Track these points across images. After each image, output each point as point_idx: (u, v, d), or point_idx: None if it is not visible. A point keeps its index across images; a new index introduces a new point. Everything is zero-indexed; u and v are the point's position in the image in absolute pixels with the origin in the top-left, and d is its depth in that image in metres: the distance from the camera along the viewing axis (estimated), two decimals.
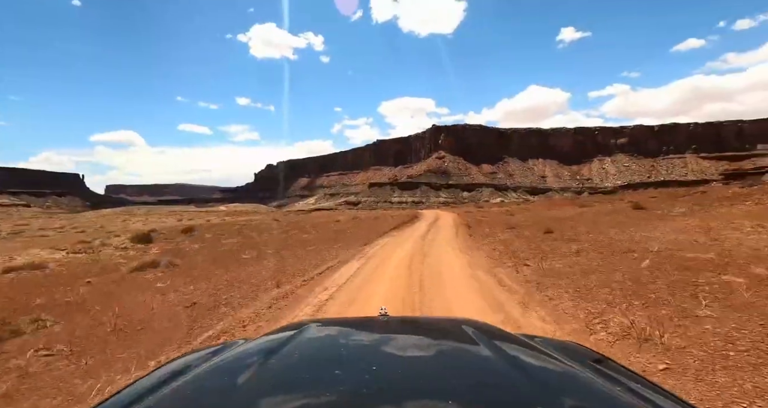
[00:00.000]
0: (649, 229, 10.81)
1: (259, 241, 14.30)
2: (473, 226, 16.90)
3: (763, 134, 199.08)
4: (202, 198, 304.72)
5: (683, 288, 4.76)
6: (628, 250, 7.67)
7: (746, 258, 6.03)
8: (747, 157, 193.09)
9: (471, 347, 0.90)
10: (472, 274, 7.09)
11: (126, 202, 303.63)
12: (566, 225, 14.16)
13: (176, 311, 5.12)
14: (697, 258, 6.31)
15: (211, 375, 0.79)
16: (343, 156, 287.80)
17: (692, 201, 17.24)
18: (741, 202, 14.80)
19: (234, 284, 6.67)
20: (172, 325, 4.55)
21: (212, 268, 8.48)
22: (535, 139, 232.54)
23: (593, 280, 5.56)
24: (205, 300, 5.65)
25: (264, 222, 27.17)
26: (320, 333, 1.05)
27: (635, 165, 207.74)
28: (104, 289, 6.60)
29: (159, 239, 15.72)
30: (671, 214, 14.47)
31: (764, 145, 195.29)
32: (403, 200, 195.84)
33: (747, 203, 14.42)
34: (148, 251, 12.16)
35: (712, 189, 22.81)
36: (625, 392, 0.70)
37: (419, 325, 1.32)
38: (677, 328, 3.59)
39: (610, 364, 0.94)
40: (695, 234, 9.13)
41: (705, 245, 7.59)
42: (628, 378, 0.82)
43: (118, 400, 0.72)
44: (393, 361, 0.82)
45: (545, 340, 1.10)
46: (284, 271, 7.68)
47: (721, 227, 9.75)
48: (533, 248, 9.36)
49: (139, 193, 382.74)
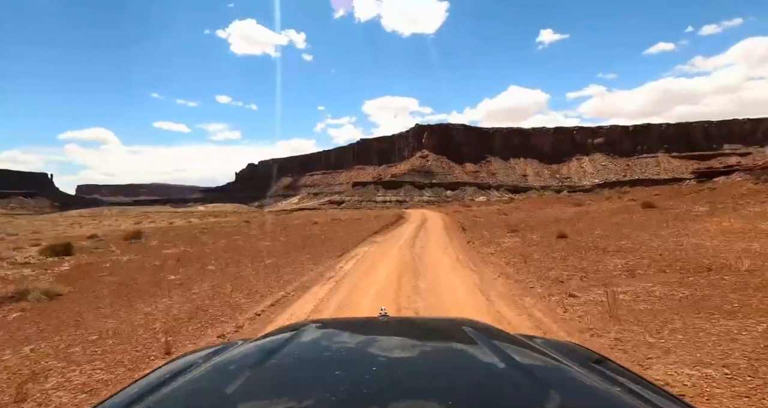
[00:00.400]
0: (688, 234, 8.64)
1: (209, 251, 11.45)
2: (469, 229, 14.51)
3: (729, 135, 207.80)
4: (181, 198, 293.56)
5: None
6: (704, 268, 5.39)
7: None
8: (714, 156, 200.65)
9: (471, 348, 0.89)
10: (489, 308, 4.62)
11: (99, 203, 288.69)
12: (576, 227, 11.96)
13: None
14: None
15: (211, 375, 0.78)
16: (327, 155, 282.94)
17: (706, 199, 15.47)
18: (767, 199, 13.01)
19: (96, 347, 3.92)
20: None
21: (105, 302, 5.65)
22: (517, 138, 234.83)
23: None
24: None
25: (232, 224, 24.08)
26: (320, 333, 1.05)
27: (611, 164, 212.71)
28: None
29: (88, 249, 12.60)
30: (693, 213, 12.51)
31: (730, 146, 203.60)
32: (387, 199, 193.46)
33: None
34: (54, 267, 9.16)
35: (722, 186, 21.28)
36: (624, 393, 0.70)
37: (419, 325, 1.32)
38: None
39: (609, 365, 0.94)
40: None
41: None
42: (628, 378, 0.82)
43: (118, 400, 0.71)
44: (393, 361, 0.81)
45: (545, 341, 1.10)
46: (198, 313, 4.92)
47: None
48: (559, 261, 6.98)
49: (114, 193, 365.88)
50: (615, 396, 0.67)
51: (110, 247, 13.10)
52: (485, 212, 24.31)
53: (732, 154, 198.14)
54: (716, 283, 4.61)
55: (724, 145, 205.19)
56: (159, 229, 23.02)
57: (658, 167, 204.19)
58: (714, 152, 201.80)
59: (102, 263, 9.67)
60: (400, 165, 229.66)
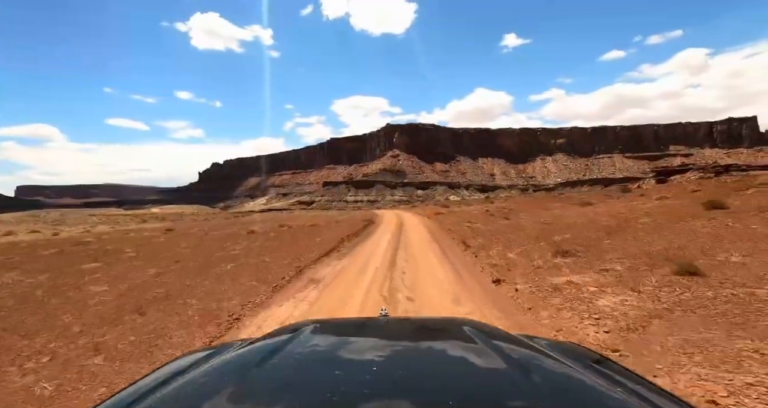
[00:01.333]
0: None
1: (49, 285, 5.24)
2: (476, 248, 8.97)
3: (675, 137, 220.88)
4: (137, 200, 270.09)
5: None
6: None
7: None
8: (662, 156, 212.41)
9: (471, 347, 0.88)
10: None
11: (41, 205, 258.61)
12: (669, 243, 6.83)
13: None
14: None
15: (211, 375, 0.77)
16: (296, 154, 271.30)
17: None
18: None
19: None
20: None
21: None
22: (484, 138, 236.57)
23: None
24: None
25: (143, 235, 17.24)
26: (320, 333, 1.04)
27: (572, 164, 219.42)
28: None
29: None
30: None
31: (675, 147, 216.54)
32: (359, 199, 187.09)
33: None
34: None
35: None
36: (624, 393, 0.69)
37: (419, 325, 1.30)
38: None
39: (609, 365, 0.92)
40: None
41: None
42: (628, 379, 0.80)
43: (118, 401, 0.71)
44: (393, 361, 0.81)
45: (545, 341, 1.08)
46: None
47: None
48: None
49: (61, 194, 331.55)
50: (615, 396, 0.66)
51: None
52: (475, 215, 18.94)
53: (677, 154, 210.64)
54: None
55: (671, 146, 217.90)
56: (63, 239, 15.74)
57: (613, 167, 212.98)
58: (662, 153, 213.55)
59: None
60: (371, 164, 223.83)
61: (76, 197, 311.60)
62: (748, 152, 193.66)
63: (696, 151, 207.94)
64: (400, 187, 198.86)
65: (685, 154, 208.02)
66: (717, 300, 3.80)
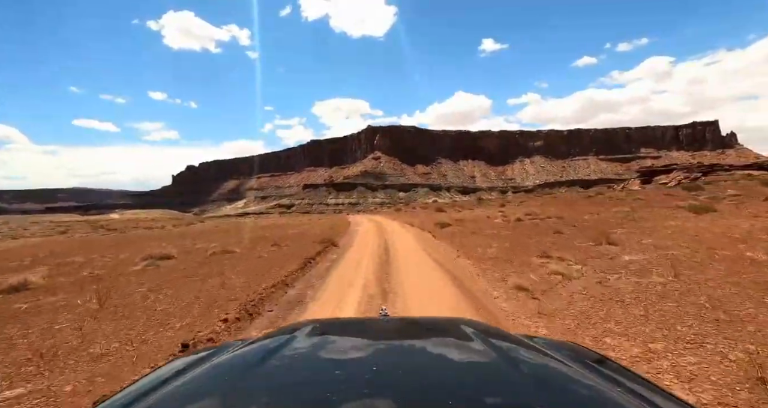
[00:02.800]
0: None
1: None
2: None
3: (646, 140, 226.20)
4: (107, 204, 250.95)
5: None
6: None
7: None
8: (633, 158, 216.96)
9: (471, 347, 0.88)
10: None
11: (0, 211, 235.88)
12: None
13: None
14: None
15: (211, 375, 0.77)
16: (276, 156, 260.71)
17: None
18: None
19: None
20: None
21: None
22: (465, 141, 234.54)
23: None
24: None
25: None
26: (320, 333, 1.03)
27: (550, 166, 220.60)
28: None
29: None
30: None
31: (645, 149, 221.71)
32: (340, 202, 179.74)
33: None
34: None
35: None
36: (624, 393, 0.69)
37: (419, 325, 1.29)
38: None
39: (610, 365, 0.91)
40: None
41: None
42: (628, 378, 0.80)
43: (118, 401, 0.70)
44: (393, 361, 0.80)
45: (545, 341, 1.08)
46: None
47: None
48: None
49: (22, 199, 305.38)
50: (615, 396, 0.66)
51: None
52: (523, 233, 10.83)
53: (647, 156, 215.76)
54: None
55: (641, 149, 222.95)
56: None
57: (589, 169, 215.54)
58: (633, 155, 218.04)
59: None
60: (352, 167, 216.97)
61: (39, 202, 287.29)
62: (711, 154, 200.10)
63: (664, 153, 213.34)
64: (381, 190, 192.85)
65: (654, 156, 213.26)
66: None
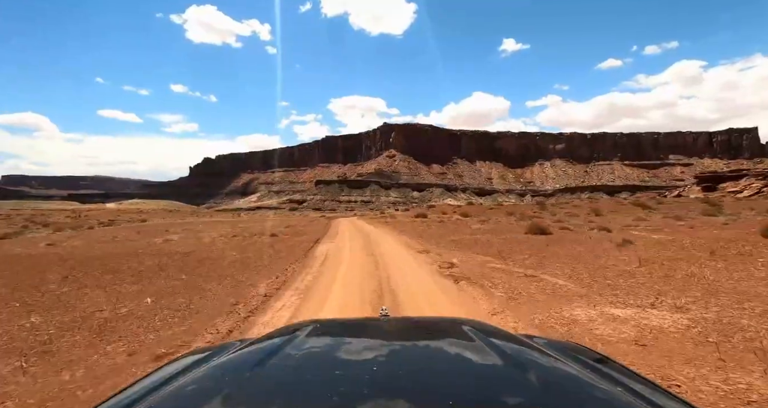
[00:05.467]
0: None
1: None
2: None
3: (675, 146, 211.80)
4: (124, 193, 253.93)
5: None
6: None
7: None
8: (661, 165, 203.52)
9: (471, 347, 0.87)
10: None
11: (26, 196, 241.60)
12: None
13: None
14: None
15: (211, 375, 0.76)
16: (290, 151, 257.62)
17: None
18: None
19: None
20: None
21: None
22: (483, 141, 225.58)
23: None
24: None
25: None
26: (321, 333, 1.02)
27: (571, 170, 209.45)
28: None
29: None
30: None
31: (675, 156, 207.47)
32: (352, 199, 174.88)
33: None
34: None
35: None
36: (625, 393, 0.68)
37: (420, 325, 1.27)
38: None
39: (610, 365, 0.90)
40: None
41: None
42: (629, 378, 0.79)
43: (119, 401, 0.69)
44: (393, 361, 0.79)
45: (545, 341, 1.06)
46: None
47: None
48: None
49: (47, 185, 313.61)
50: (615, 395, 0.65)
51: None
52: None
53: (676, 163, 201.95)
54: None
55: (670, 155, 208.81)
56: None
57: (612, 174, 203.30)
58: (661, 162, 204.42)
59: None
60: (366, 164, 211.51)
61: (63, 188, 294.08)
62: (747, 163, 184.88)
63: (695, 161, 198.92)
64: (395, 188, 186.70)
65: (685, 163, 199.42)
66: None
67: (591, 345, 2.67)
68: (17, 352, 2.89)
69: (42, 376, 2.53)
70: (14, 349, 2.97)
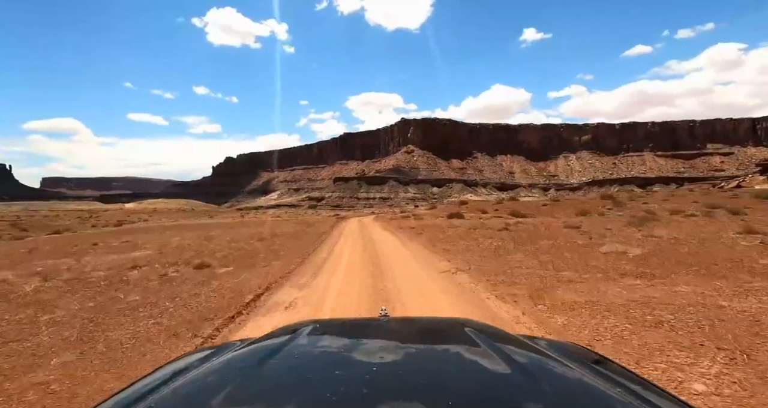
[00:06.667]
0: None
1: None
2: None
3: (712, 134, 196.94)
4: (153, 193, 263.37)
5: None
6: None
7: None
8: (698, 155, 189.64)
9: (471, 347, 0.86)
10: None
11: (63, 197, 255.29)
12: None
13: None
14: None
15: (211, 375, 0.75)
16: (308, 149, 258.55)
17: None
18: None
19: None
20: None
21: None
22: (503, 134, 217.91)
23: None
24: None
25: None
26: (320, 333, 1.01)
27: (598, 162, 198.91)
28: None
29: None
30: None
31: (713, 145, 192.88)
32: (371, 196, 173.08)
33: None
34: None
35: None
36: (625, 393, 0.67)
37: (420, 325, 1.26)
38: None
39: (610, 366, 0.89)
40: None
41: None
42: (629, 379, 0.78)
43: (119, 401, 0.69)
44: (393, 361, 0.78)
45: (545, 341, 1.05)
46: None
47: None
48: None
49: (82, 186, 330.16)
50: (615, 396, 0.64)
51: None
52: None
53: (715, 153, 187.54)
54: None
55: (708, 144, 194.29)
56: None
57: (644, 166, 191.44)
58: (698, 151, 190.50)
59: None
60: (384, 160, 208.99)
61: (97, 189, 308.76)
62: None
63: (737, 150, 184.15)
64: (413, 184, 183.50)
65: (725, 152, 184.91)
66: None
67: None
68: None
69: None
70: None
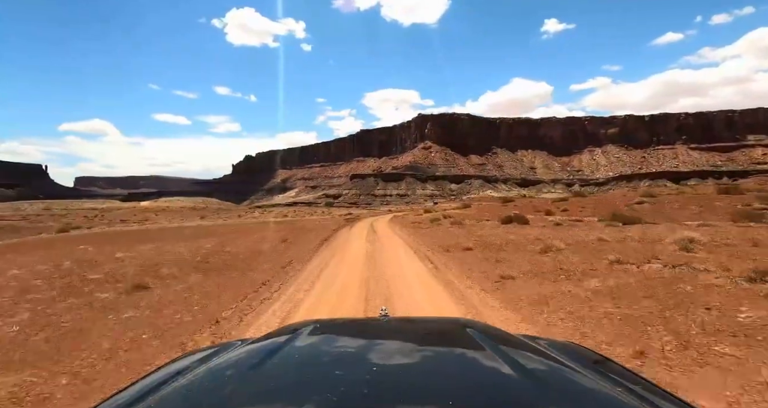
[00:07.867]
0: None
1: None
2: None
3: (756, 124, 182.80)
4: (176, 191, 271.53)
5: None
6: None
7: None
8: (737, 147, 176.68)
9: (472, 348, 0.85)
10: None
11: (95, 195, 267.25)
12: None
13: None
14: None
15: (211, 375, 0.75)
16: (325, 147, 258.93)
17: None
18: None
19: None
20: None
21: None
22: (524, 129, 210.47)
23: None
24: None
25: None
26: (321, 333, 1.01)
27: (626, 156, 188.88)
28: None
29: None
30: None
31: (755, 136, 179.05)
32: (388, 193, 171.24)
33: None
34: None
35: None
36: (625, 393, 0.67)
37: (420, 325, 1.25)
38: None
39: (610, 366, 0.89)
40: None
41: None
42: (629, 379, 0.78)
43: (118, 400, 0.68)
44: (394, 361, 0.78)
45: (546, 341, 1.04)
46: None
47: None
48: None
49: (112, 185, 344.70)
50: (615, 396, 0.64)
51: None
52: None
53: (756, 144, 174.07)
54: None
55: (748, 135, 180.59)
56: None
57: (676, 159, 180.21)
58: (737, 143, 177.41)
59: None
60: (401, 157, 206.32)
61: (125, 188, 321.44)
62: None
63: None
64: (431, 181, 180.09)
65: (767, 144, 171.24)
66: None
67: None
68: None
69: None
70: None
